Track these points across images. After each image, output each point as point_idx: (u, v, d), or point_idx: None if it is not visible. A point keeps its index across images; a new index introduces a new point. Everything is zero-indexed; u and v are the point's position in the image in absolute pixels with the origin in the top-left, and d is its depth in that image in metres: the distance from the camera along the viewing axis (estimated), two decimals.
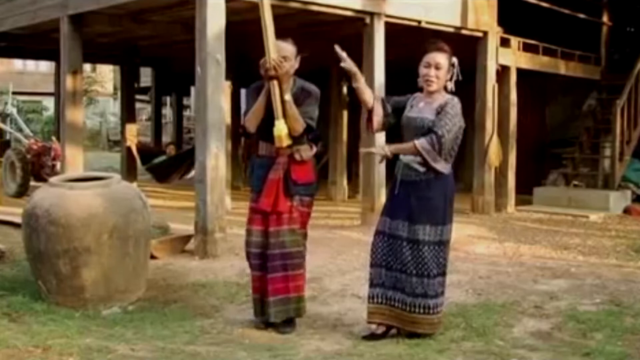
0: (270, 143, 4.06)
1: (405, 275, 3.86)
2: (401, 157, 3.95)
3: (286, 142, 3.98)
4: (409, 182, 3.90)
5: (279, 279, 4.04)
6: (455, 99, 3.95)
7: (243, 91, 8.82)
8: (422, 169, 3.87)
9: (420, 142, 3.79)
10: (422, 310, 3.87)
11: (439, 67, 3.90)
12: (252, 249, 4.12)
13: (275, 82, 3.95)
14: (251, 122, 4.08)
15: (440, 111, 3.86)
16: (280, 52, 3.99)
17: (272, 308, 4.06)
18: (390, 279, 3.90)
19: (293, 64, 4.07)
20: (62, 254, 4.40)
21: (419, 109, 3.95)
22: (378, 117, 4.03)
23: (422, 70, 3.94)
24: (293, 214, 4.05)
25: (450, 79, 3.95)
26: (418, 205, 3.86)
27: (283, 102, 3.96)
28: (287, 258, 4.04)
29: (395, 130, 4.07)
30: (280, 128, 3.95)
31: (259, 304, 4.16)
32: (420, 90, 4.03)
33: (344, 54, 3.88)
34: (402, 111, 4.02)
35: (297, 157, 4.06)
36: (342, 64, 3.92)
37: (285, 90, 3.97)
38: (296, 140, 4.03)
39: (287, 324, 4.14)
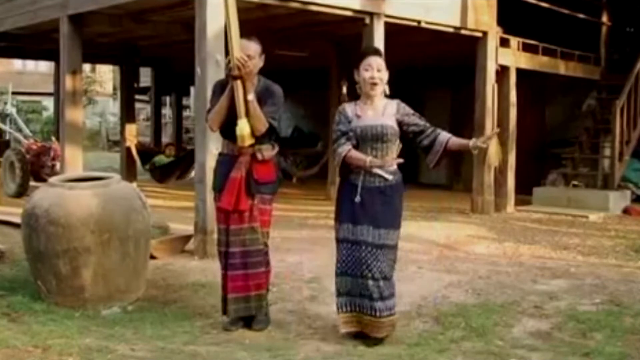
0: (232, 141, 4.07)
1: (372, 281, 3.82)
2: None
3: (248, 141, 3.99)
4: (373, 188, 3.87)
5: (239, 277, 4.06)
6: (401, 102, 3.98)
7: None
8: (389, 176, 3.85)
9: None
10: (387, 313, 3.85)
11: (380, 69, 3.90)
12: (220, 247, 4.14)
13: (238, 82, 3.94)
14: (214, 120, 4.08)
15: (402, 117, 3.90)
16: (244, 51, 3.97)
17: (231, 305, 4.10)
18: (356, 287, 3.86)
19: (257, 63, 4.06)
20: (62, 254, 4.40)
21: (371, 116, 3.90)
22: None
23: (364, 74, 3.89)
24: (254, 212, 4.06)
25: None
26: (383, 211, 3.85)
27: (246, 101, 3.95)
28: (247, 256, 4.06)
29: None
30: (242, 127, 3.95)
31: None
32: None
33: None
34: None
35: (258, 156, 4.07)
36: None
37: (248, 90, 3.96)
38: (258, 139, 4.04)
39: (257, 321, 4.15)
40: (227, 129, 4.05)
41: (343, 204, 3.95)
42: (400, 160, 3.87)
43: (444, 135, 3.96)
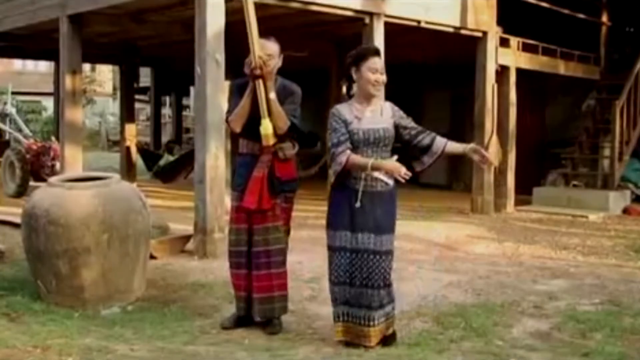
0: (252, 141, 4.07)
1: (371, 289, 3.72)
2: None
3: (272, 140, 3.99)
4: (374, 192, 3.75)
5: (264, 277, 4.06)
6: (393, 104, 3.92)
7: None
8: (390, 181, 3.74)
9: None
10: (382, 319, 3.78)
11: (382, 71, 3.81)
12: (238, 247, 4.11)
13: (260, 81, 3.95)
14: (236, 122, 4.06)
15: (399, 119, 3.81)
16: (264, 50, 3.99)
17: (257, 306, 4.08)
18: (354, 296, 3.76)
19: (277, 62, 4.08)
20: (62, 254, 4.40)
21: (370, 119, 3.77)
22: None
23: (370, 76, 3.74)
24: (276, 211, 4.07)
25: None
26: (383, 216, 3.75)
27: (268, 100, 3.96)
28: (271, 255, 4.06)
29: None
30: (267, 127, 3.96)
31: (245, 302, 4.14)
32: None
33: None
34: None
35: (280, 155, 4.06)
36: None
37: (269, 89, 3.97)
38: (280, 138, 4.04)
39: (273, 324, 4.13)
40: (248, 129, 4.05)
41: (339, 209, 3.79)
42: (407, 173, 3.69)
43: (441, 139, 3.88)
